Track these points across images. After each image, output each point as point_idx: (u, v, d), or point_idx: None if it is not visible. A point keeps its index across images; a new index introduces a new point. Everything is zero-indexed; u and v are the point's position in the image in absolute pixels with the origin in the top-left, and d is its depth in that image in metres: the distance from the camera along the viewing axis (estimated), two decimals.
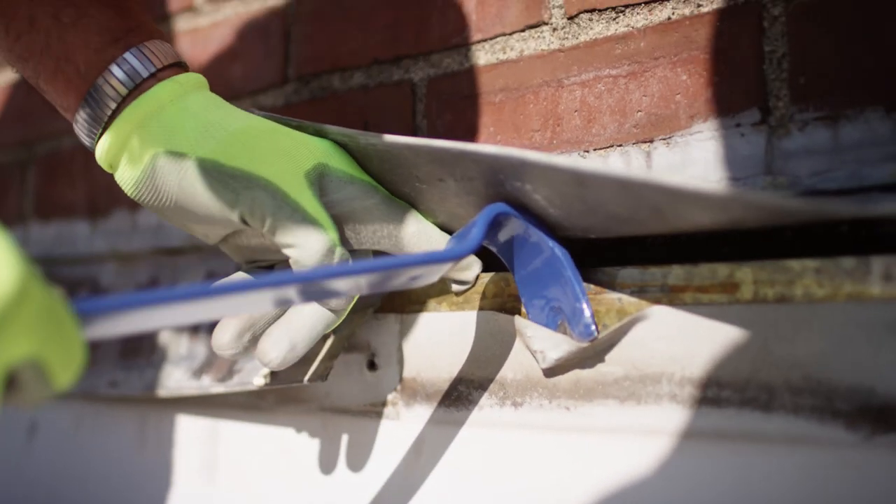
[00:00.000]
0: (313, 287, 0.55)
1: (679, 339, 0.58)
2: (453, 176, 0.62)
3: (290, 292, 0.53)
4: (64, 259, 1.07)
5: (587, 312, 0.60)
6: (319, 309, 0.63)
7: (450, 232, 0.67)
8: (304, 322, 0.63)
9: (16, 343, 0.38)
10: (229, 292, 0.50)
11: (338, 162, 0.65)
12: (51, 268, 1.09)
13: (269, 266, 0.68)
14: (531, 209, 0.61)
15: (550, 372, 0.63)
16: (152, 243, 0.97)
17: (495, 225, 0.61)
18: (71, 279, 1.05)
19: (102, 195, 1.03)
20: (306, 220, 0.62)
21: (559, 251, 0.61)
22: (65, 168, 1.09)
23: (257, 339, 0.64)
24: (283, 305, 0.60)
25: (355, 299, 0.65)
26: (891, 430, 0.51)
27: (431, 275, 0.60)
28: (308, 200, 0.62)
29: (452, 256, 0.59)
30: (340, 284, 0.56)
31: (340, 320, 0.65)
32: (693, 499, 0.57)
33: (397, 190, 0.67)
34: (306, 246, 0.62)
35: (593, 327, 0.59)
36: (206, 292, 0.48)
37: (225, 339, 0.64)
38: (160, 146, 0.63)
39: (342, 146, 0.67)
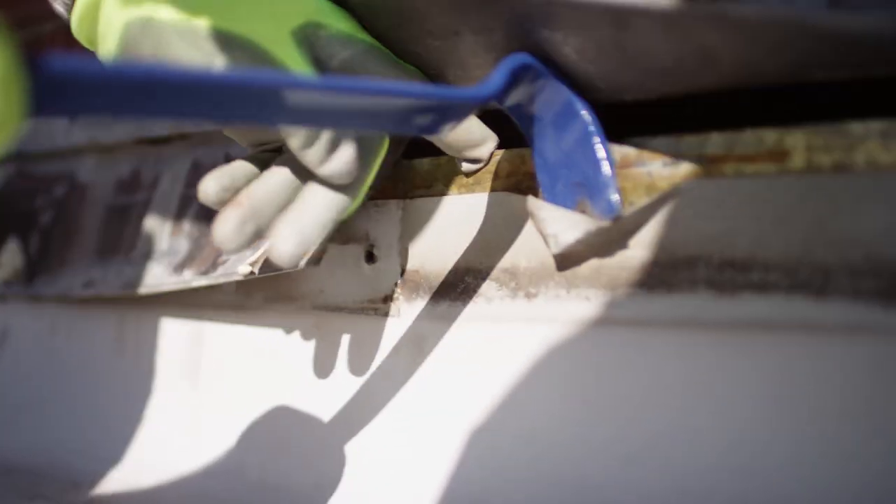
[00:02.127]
0: (314, 97, 0.47)
1: (718, 217, 0.51)
2: (471, 28, 0.55)
3: (293, 96, 0.46)
4: (40, 154, 1.00)
5: (612, 185, 0.52)
6: (329, 194, 0.56)
7: None
8: (313, 211, 0.56)
9: None
10: (233, 80, 0.43)
11: (333, 20, 0.58)
12: (26, 164, 1.02)
13: (277, 149, 0.61)
14: (559, 66, 0.54)
15: (562, 260, 0.56)
16: (135, 133, 0.89)
17: (516, 78, 0.54)
18: (47, 176, 0.99)
19: None
20: None
21: (587, 113, 0.53)
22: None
23: (261, 230, 0.57)
24: (282, 121, 0.52)
25: (368, 182, 0.58)
26: None
27: (442, 123, 0.52)
28: (294, 61, 0.55)
29: (469, 97, 0.51)
30: (346, 101, 0.48)
31: (355, 206, 0.58)
32: (735, 396, 0.51)
33: (405, 51, 0.60)
34: None
35: (617, 200, 0.52)
36: (203, 77, 0.42)
37: (226, 229, 0.56)
38: (132, 12, 0.56)
39: (344, 2, 0.59)
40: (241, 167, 0.58)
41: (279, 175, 0.57)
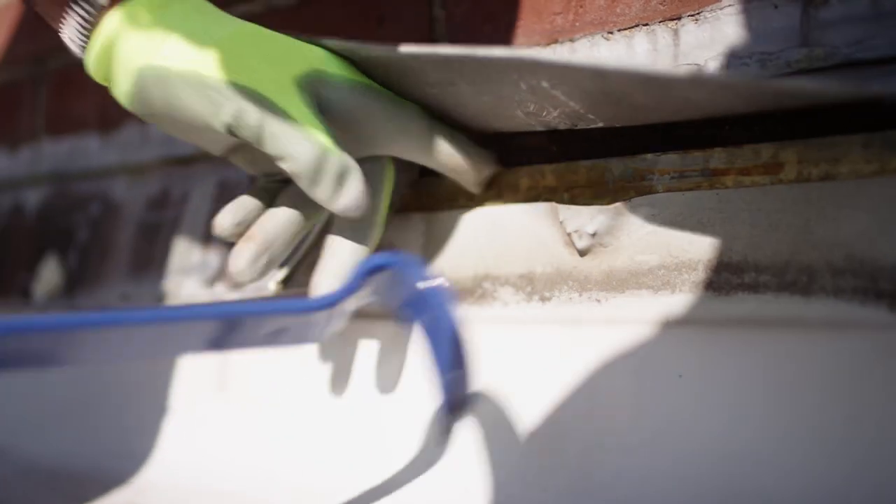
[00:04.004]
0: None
1: (718, 224, 0.56)
2: (465, 79, 0.60)
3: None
4: (76, 175, 1.05)
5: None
6: (351, 243, 0.64)
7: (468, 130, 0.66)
8: (341, 260, 0.63)
9: None
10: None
11: (336, 67, 0.63)
12: (64, 184, 1.07)
13: (285, 179, 0.65)
14: (551, 103, 0.59)
15: (587, 252, 0.61)
16: (163, 153, 0.94)
17: (370, 276, 0.59)
18: (83, 195, 1.03)
19: (113, 107, 1.01)
20: (293, 127, 0.59)
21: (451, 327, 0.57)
22: (76, 82, 1.07)
23: (273, 262, 0.63)
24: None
25: (383, 214, 0.65)
26: None
27: (305, 335, 0.59)
28: (296, 107, 0.59)
29: (309, 308, 0.58)
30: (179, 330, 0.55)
31: (375, 244, 0.65)
32: (729, 387, 0.55)
33: (407, 96, 0.65)
34: (295, 155, 0.59)
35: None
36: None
37: (240, 264, 0.61)
38: (144, 60, 0.60)
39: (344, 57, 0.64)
40: (252, 201, 0.64)
41: (288, 210, 0.63)
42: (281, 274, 0.74)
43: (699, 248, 0.57)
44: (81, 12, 0.61)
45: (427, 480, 0.67)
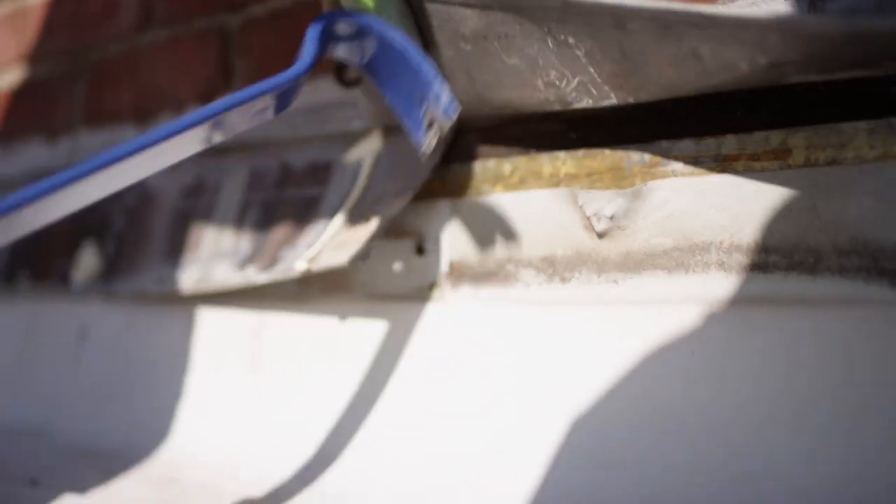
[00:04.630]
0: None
1: (729, 208, 0.59)
2: (496, 33, 0.63)
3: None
4: None
5: (445, 91, 0.60)
6: None
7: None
8: None
9: None
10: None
11: None
12: None
13: None
14: (571, 68, 0.62)
15: (605, 235, 0.64)
16: None
17: (329, 38, 0.63)
18: None
19: (148, 99, 1.04)
20: None
21: (399, 40, 0.62)
22: (112, 75, 1.10)
23: None
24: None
25: None
26: None
27: (285, 104, 0.61)
28: None
29: (291, 79, 0.60)
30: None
31: None
32: (740, 364, 0.58)
33: (443, 52, 0.68)
34: None
35: (454, 105, 0.60)
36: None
37: None
38: None
39: None
40: None
41: None
42: (311, 252, 0.76)
43: (712, 230, 0.60)
44: None
45: (454, 460, 0.70)
